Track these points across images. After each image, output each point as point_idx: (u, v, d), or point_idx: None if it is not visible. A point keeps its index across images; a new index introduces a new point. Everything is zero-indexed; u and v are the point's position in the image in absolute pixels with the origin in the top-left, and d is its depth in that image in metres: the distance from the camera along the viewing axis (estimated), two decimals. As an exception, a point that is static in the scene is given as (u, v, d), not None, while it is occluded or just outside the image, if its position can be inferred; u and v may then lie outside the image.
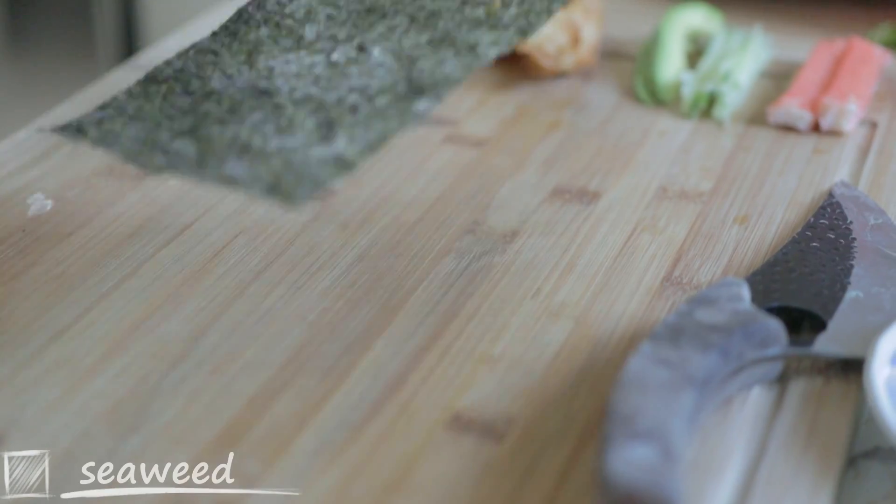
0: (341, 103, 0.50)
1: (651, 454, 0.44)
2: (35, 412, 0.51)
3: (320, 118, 0.49)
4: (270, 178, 0.46)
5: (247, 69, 0.53)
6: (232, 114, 0.50)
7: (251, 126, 0.49)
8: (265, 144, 0.48)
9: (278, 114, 0.50)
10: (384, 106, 0.50)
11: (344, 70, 0.52)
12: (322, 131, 0.48)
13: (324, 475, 0.48)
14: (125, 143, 0.50)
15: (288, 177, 0.46)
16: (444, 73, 0.52)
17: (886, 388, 0.49)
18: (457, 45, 0.54)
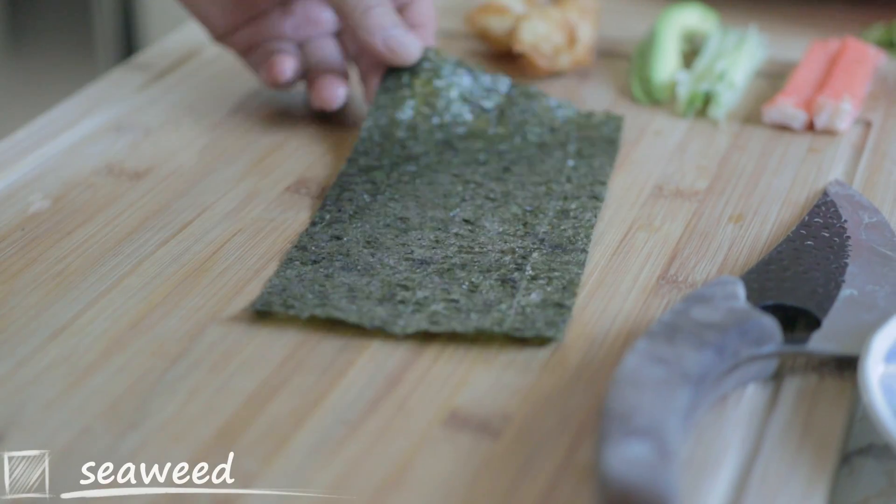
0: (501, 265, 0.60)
1: (647, 451, 0.44)
2: (34, 410, 0.51)
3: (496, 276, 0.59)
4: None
5: (380, 248, 0.62)
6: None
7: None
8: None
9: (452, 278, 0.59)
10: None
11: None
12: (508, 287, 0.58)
13: (321, 472, 0.48)
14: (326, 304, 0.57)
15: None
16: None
17: (881, 385, 0.49)
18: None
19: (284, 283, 0.58)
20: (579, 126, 0.74)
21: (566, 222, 0.63)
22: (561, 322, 0.55)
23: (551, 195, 0.66)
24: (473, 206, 0.65)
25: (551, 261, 0.60)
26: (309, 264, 0.60)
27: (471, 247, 0.61)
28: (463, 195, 0.66)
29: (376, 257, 0.60)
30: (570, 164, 0.70)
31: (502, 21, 0.84)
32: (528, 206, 0.65)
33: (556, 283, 0.58)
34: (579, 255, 0.61)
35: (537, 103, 0.74)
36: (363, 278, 0.59)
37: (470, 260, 0.60)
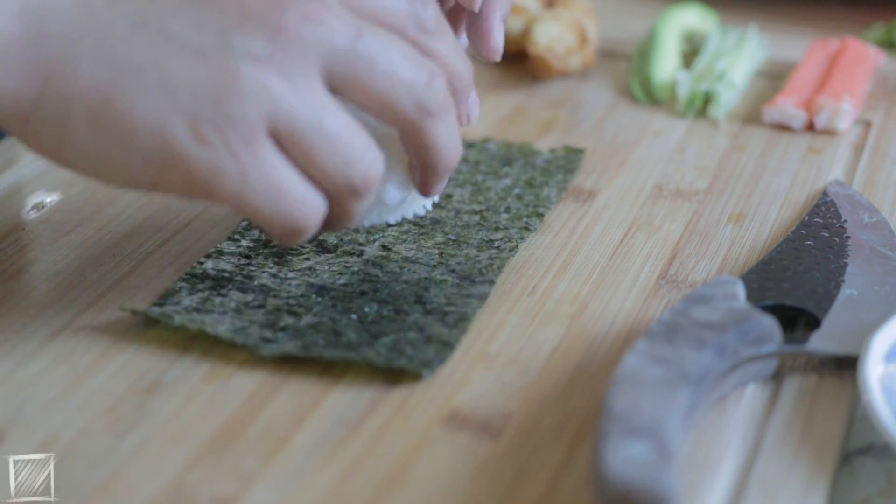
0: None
1: (646, 451, 0.44)
2: (34, 410, 0.51)
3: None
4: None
5: (287, 269, 0.60)
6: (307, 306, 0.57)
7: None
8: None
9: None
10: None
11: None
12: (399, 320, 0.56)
13: (321, 472, 0.48)
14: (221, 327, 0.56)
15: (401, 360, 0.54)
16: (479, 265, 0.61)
17: (880, 385, 0.49)
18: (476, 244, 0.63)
19: (174, 294, 0.58)
20: (536, 158, 0.71)
21: (485, 253, 0.62)
22: (438, 361, 0.54)
23: (483, 225, 0.64)
24: (398, 231, 0.63)
25: (454, 294, 0.58)
26: (208, 280, 0.59)
27: (376, 275, 0.59)
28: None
29: (277, 279, 0.59)
30: (516, 192, 0.68)
31: (518, 21, 0.84)
32: (453, 234, 0.63)
33: (449, 318, 0.56)
34: (486, 287, 0.59)
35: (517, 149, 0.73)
36: (256, 298, 0.57)
37: (371, 289, 0.58)
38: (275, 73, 0.48)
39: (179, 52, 0.47)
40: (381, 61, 0.49)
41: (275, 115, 0.48)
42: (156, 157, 0.48)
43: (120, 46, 0.47)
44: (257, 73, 0.47)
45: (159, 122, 0.47)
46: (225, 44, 0.47)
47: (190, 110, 0.47)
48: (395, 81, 0.50)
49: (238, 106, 0.47)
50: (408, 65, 0.50)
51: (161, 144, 0.47)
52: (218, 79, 0.47)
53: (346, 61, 0.49)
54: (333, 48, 0.49)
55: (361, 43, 0.49)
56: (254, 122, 0.48)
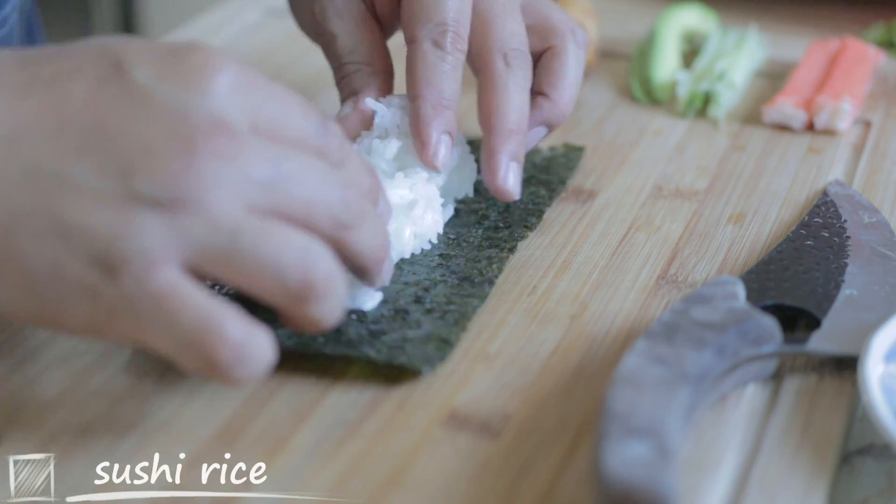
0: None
1: (646, 451, 0.44)
2: (35, 409, 0.51)
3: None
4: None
5: None
6: None
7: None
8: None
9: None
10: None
11: None
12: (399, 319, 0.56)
13: (321, 472, 0.48)
14: None
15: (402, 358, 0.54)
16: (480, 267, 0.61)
17: (880, 385, 0.49)
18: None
19: None
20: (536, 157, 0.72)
21: (485, 252, 0.62)
22: (438, 358, 0.54)
23: (482, 224, 0.64)
24: None
25: (453, 294, 0.58)
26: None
27: None
28: None
29: None
30: None
31: None
32: (453, 234, 0.63)
33: (449, 318, 0.56)
34: (486, 286, 0.59)
35: None
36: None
37: None
38: (178, 212, 0.45)
39: (76, 196, 0.45)
40: (296, 188, 0.48)
41: (183, 248, 0.46)
42: (54, 303, 0.46)
43: (14, 194, 0.46)
44: (158, 215, 0.45)
45: (55, 269, 0.45)
46: (126, 188, 0.45)
47: (84, 254, 0.45)
48: (313, 204, 0.48)
49: (132, 246, 0.45)
50: (322, 187, 0.49)
51: (58, 292, 0.46)
52: (114, 223, 0.45)
53: (264, 191, 0.47)
54: (249, 182, 0.47)
55: (278, 173, 0.47)
56: (151, 259, 0.45)
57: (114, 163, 0.46)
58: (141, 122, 0.46)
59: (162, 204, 0.45)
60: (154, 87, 0.47)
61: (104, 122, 0.46)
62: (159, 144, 0.46)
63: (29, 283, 0.46)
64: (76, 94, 0.47)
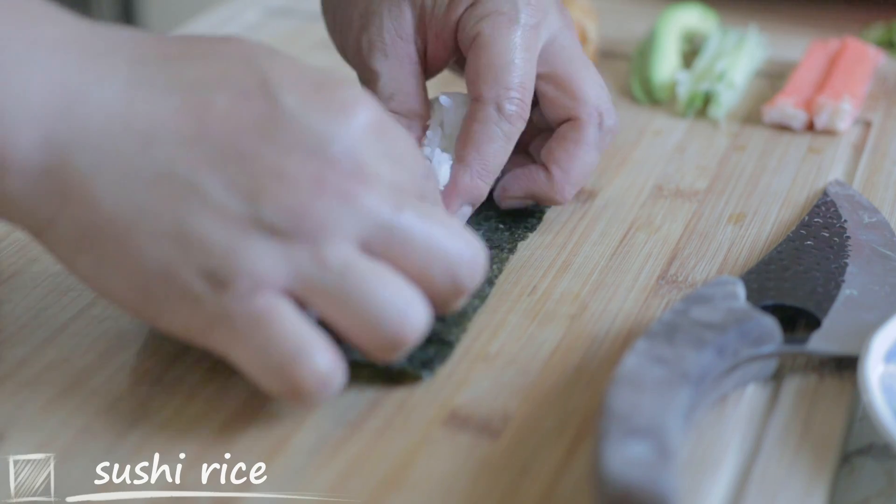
0: None
1: (647, 451, 0.44)
2: (34, 409, 0.51)
3: None
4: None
5: None
6: None
7: None
8: None
9: None
10: None
11: None
12: None
13: (321, 472, 0.48)
14: None
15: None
16: None
17: (881, 385, 0.49)
18: None
19: None
20: None
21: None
22: (438, 362, 0.54)
23: (482, 224, 0.64)
24: None
25: None
26: None
27: None
28: None
29: None
30: None
31: None
32: None
33: (449, 318, 0.56)
34: (486, 287, 0.59)
35: None
36: None
37: None
38: (294, 244, 0.47)
39: (201, 208, 0.46)
40: (418, 235, 0.49)
41: (289, 277, 0.47)
42: (160, 299, 0.47)
43: (143, 192, 0.47)
44: (274, 243, 0.46)
45: (166, 271, 0.47)
46: (249, 210, 0.46)
47: (199, 265, 0.47)
48: (434, 255, 0.49)
49: (243, 266, 0.46)
50: (448, 239, 0.49)
51: (165, 290, 0.47)
52: (231, 240, 0.46)
53: (383, 235, 0.48)
54: (368, 225, 0.47)
55: (399, 220, 0.48)
56: (258, 281, 0.46)
57: (244, 182, 0.46)
58: (278, 146, 0.47)
59: (281, 233, 0.46)
60: (297, 113, 0.47)
61: (242, 140, 0.47)
62: (292, 173, 0.47)
63: (139, 278, 0.47)
64: (219, 105, 0.47)
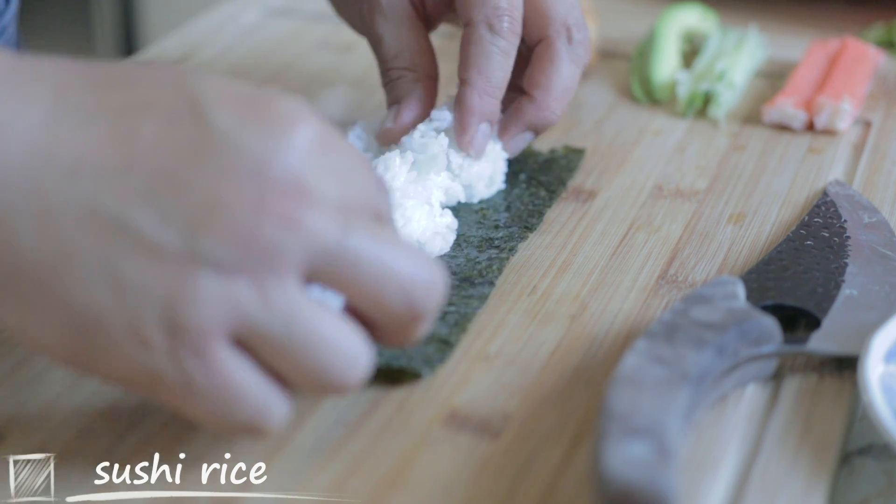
0: None
1: (647, 451, 0.44)
2: (35, 410, 0.51)
3: None
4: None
5: None
6: None
7: None
8: None
9: None
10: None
11: None
12: None
13: (321, 472, 0.48)
14: None
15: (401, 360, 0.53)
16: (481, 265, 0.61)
17: (880, 385, 0.49)
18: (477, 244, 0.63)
19: None
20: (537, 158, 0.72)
21: (485, 253, 0.62)
22: (438, 360, 0.54)
23: (483, 224, 0.65)
24: None
25: (454, 294, 0.58)
26: None
27: None
28: None
29: None
30: (516, 192, 0.68)
31: None
32: (454, 234, 0.63)
33: (449, 319, 0.56)
34: (486, 288, 0.59)
35: None
36: None
37: None
38: (240, 281, 0.43)
39: (134, 247, 0.42)
40: (369, 259, 0.45)
41: (236, 322, 0.43)
42: (93, 353, 0.44)
43: (67, 231, 0.42)
44: (219, 282, 0.43)
45: (98, 319, 0.43)
46: (187, 245, 0.43)
47: (135, 311, 0.43)
48: (387, 279, 0.46)
49: (192, 314, 0.43)
50: (402, 261, 0.46)
51: (98, 343, 0.43)
52: (173, 283, 0.43)
53: (331, 260, 0.44)
54: (315, 250, 0.44)
55: (346, 244, 0.44)
56: (208, 330, 0.43)
57: (180, 214, 0.43)
58: (214, 172, 0.43)
59: (223, 267, 0.43)
60: (231, 134, 0.43)
61: (174, 168, 0.43)
62: (229, 200, 0.43)
63: (68, 328, 0.43)
64: (147, 132, 0.43)
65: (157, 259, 0.42)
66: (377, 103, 0.80)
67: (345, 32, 0.93)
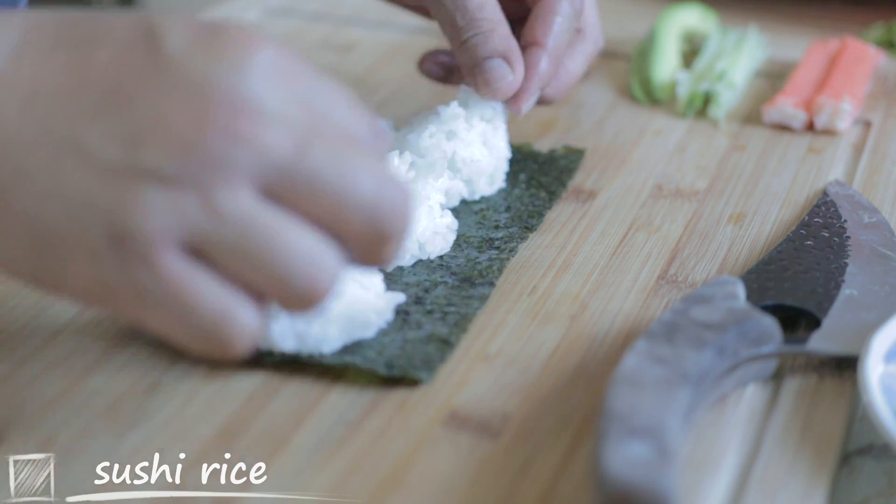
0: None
1: (647, 451, 0.44)
2: (35, 409, 0.51)
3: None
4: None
5: None
6: None
7: None
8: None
9: None
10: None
11: None
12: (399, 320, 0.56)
13: (321, 472, 0.48)
14: None
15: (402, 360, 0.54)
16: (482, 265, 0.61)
17: (880, 385, 0.49)
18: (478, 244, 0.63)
19: None
20: (537, 159, 0.72)
21: (485, 254, 0.62)
22: (438, 360, 0.54)
23: (483, 225, 0.65)
24: None
25: (454, 295, 0.58)
26: None
27: None
28: None
29: None
30: (516, 192, 0.68)
31: None
32: (454, 235, 0.63)
33: (449, 319, 0.56)
34: (486, 288, 0.59)
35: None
36: None
37: None
38: (185, 193, 0.44)
39: (82, 163, 0.44)
40: (323, 180, 0.45)
41: (185, 232, 0.44)
42: (50, 267, 0.45)
43: (23, 152, 0.44)
44: (163, 193, 0.44)
45: (52, 233, 0.44)
46: (131, 159, 0.44)
47: (83, 224, 0.44)
48: (342, 200, 0.45)
49: (136, 225, 0.44)
50: (357, 183, 0.45)
51: (52, 257, 0.45)
52: (117, 196, 0.44)
53: (284, 179, 0.45)
54: (267, 165, 0.44)
55: (303, 160, 0.45)
56: (154, 240, 0.44)
57: (125, 130, 0.44)
58: (160, 91, 0.44)
59: (166, 179, 0.43)
60: (182, 57, 0.44)
61: (123, 88, 0.44)
62: (174, 116, 0.44)
63: (26, 244, 0.45)
64: (100, 58, 0.45)
65: (103, 174, 0.44)
66: (378, 103, 0.81)
67: (345, 32, 0.93)
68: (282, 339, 0.53)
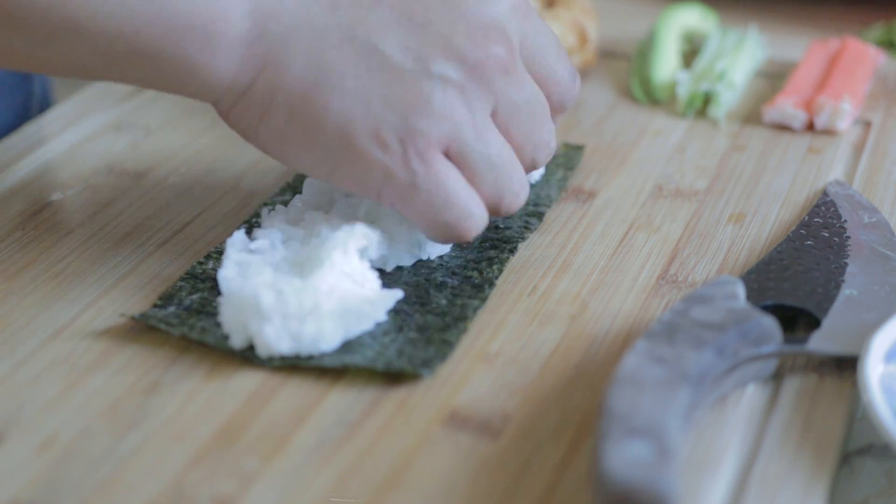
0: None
1: (647, 451, 0.44)
2: (35, 410, 0.51)
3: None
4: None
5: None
6: None
7: None
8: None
9: None
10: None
11: None
12: (398, 319, 0.57)
13: (321, 472, 0.48)
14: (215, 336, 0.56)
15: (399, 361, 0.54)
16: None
17: (881, 385, 0.49)
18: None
19: (175, 295, 0.58)
20: None
21: (485, 254, 0.61)
22: (438, 360, 0.54)
23: None
24: None
25: (454, 295, 0.58)
26: (208, 281, 0.59)
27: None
28: None
29: None
30: None
31: None
32: None
33: (449, 318, 0.56)
34: (486, 289, 0.59)
35: None
36: None
37: None
38: (461, 102, 0.54)
39: (380, 67, 0.53)
40: (526, 120, 0.57)
41: (452, 137, 0.54)
42: (336, 153, 0.54)
43: (329, 53, 0.53)
44: (447, 97, 0.54)
45: (347, 124, 0.53)
46: (424, 68, 0.54)
47: (377, 118, 0.53)
48: (531, 139, 0.58)
49: (423, 122, 0.53)
50: (544, 130, 0.59)
51: (344, 143, 0.53)
52: (410, 96, 0.53)
53: (511, 110, 0.56)
54: (505, 98, 0.56)
55: (523, 100, 0.56)
56: (433, 139, 0.54)
57: (417, 44, 0.54)
58: (444, 18, 0.55)
59: (449, 85, 0.54)
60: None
61: (414, 9, 0.54)
62: (458, 41, 0.54)
63: (320, 133, 0.54)
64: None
65: (397, 77, 0.54)
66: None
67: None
68: (277, 342, 0.53)
